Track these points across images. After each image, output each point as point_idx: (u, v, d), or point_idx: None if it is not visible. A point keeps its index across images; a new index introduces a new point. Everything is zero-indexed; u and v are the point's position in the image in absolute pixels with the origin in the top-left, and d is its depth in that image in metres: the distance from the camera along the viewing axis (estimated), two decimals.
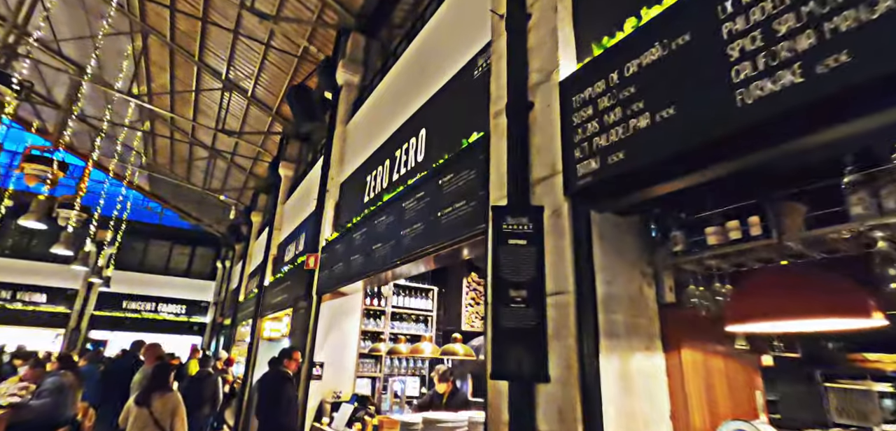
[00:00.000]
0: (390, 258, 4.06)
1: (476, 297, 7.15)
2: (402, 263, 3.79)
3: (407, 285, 7.09)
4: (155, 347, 4.95)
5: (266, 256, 10.74)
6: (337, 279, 5.51)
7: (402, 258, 3.77)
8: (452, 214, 3.15)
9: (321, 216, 6.72)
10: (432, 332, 7.09)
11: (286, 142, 11.74)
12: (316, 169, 8.34)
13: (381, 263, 4.27)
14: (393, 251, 4.04)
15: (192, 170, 17.48)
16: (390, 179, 4.91)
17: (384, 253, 4.25)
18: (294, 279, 7.68)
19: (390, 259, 4.06)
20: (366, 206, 5.38)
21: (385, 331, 6.66)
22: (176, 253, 23.70)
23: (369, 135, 6.02)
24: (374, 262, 4.45)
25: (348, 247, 5.31)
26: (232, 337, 14.28)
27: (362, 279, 4.80)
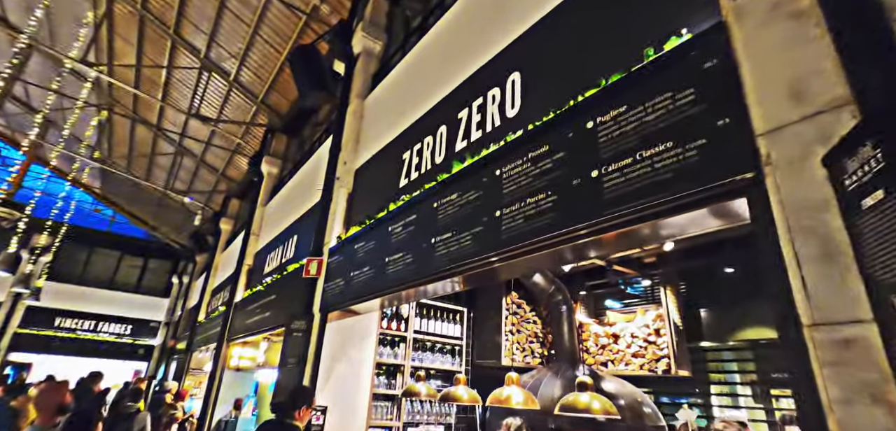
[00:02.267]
0: (474, 255, 2.63)
1: (517, 322, 5.72)
2: (512, 256, 2.37)
3: (432, 304, 5.58)
4: (56, 389, 2.94)
5: (239, 267, 8.92)
6: (353, 292, 3.99)
7: (514, 250, 2.36)
8: (651, 165, 1.79)
9: (327, 211, 5.20)
10: (461, 366, 5.57)
11: (271, 136, 10.12)
12: (318, 156, 6.81)
13: (446, 266, 2.83)
14: (479, 244, 2.62)
15: (152, 169, 15.35)
16: (450, 151, 3.52)
17: (450, 252, 2.82)
18: (283, 292, 6.01)
19: (473, 257, 2.63)
20: (402, 191, 3.94)
21: (405, 364, 5.09)
22: (125, 264, 20.95)
23: (402, 106, 4.64)
24: (430, 264, 3.00)
25: (375, 248, 3.83)
26: (186, 365, 12.04)
27: (404, 289, 3.31)
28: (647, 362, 5.33)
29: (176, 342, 15.73)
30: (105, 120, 13.34)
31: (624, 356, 5.65)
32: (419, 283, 3.08)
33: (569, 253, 2.20)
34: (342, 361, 4.59)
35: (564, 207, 2.15)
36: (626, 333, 5.71)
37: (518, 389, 3.51)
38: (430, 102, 4.12)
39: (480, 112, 3.30)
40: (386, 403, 4.90)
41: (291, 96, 9.74)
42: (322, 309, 4.56)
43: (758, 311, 4.80)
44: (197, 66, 9.79)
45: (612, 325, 5.93)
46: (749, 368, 4.77)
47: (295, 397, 3.18)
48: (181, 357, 13.03)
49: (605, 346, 5.91)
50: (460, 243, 2.79)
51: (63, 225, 15.86)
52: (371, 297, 3.67)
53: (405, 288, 3.25)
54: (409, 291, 3.35)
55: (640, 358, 5.46)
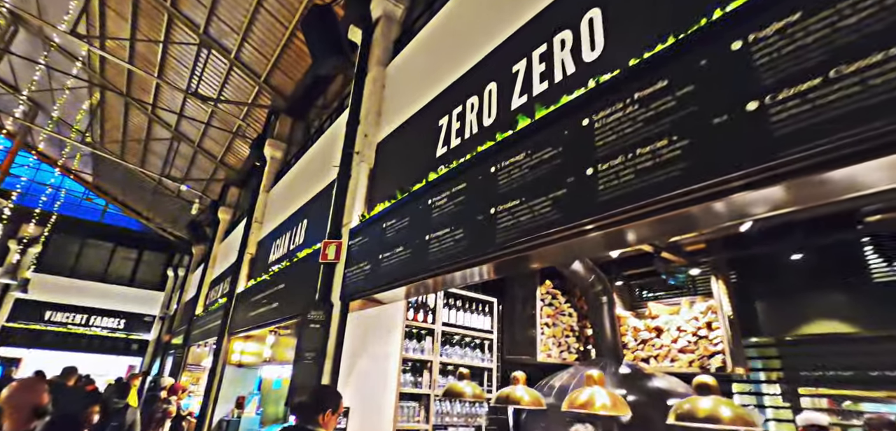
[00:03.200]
0: (557, 224, 2.10)
1: (553, 315, 5.21)
2: (614, 223, 1.85)
3: (459, 293, 5.05)
4: (29, 388, 2.27)
5: (240, 256, 8.35)
6: (383, 277, 3.46)
7: (619, 215, 1.83)
8: (863, 80, 1.28)
9: (345, 189, 4.65)
10: (492, 361, 5.05)
11: (275, 118, 9.53)
12: (331, 133, 6.26)
13: (514, 240, 2.31)
14: (564, 211, 2.09)
15: (147, 157, 14.69)
16: (504, 110, 2.99)
17: (520, 223, 2.30)
18: (293, 281, 5.46)
19: (556, 227, 2.10)
20: (441, 161, 3.41)
21: (433, 360, 4.56)
22: (119, 256, 20.28)
23: (433, 70, 4.10)
24: (490, 239, 2.47)
25: (412, 225, 3.30)
26: (183, 360, 11.46)
27: (452, 271, 2.78)
28: (697, 358, 4.84)
29: (172, 336, 15.13)
30: (97, 104, 12.68)
31: (669, 352, 5.15)
32: (475, 262, 2.55)
33: (711, 211, 1.67)
34: (364, 356, 4.06)
35: (703, 152, 1.62)
36: (672, 327, 5.21)
37: (603, 391, 2.81)
38: (471, 61, 3.58)
39: (545, 60, 2.76)
40: (413, 403, 4.38)
41: (297, 76, 9.16)
42: (343, 297, 4.02)
43: (827, 303, 4.32)
44: (195, 41, 9.18)
45: (653, 318, 5.43)
46: (819, 365, 4.29)
47: (319, 398, 2.65)
48: (178, 352, 12.45)
49: (646, 341, 5.41)
50: (534, 211, 2.26)
51: (52, 214, 15.20)
52: (407, 281, 3.13)
53: (454, 269, 2.72)
54: (453, 274, 2.81)
55: (688, 354, 4.97)
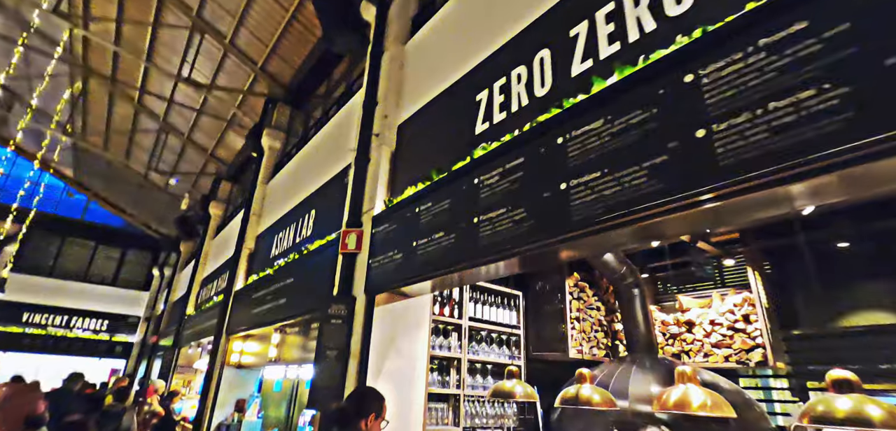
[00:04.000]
0: (660, 195, 1.81)
1: (581, 308, 4.93)
2: (742, 190, 1.56)
3: (485, 286, 4.73)
4: (23, 394, 1.99)
5: (238, 251, 7.90)
6: (420, 265, 3.13)
7: (748, 182, 1.55)
8: None
9: (364, 174, 4.30)
10: (520, 359, 4.74)
11: (273, 107, 9.07)
12: (343, 117, 5.87)
13: (598, 216, 2.02)
14: (669, 180, 1.80)
15: (132, 150, 14.02)
16: (561, 78, 2.68)
17: (605, 198, 2.01)
18: (302, 275, 5.08)
19: (660, 199, 1.81)
20: (481, 139, 3.08)
21: (462, 357, 4.24)
22: (101, 256, 19.43)
23: (464, 43, 3.77)
24: (564, 217, 2.17)
25: (454, 207, 2.98)
26: (173, 362, 10.92)
27: (513, 255, 2.47)
28: (735, 352, 4.62)
29: (159, 338, 14.50)
30: (79, 92, 12.00)
31: (702, 346, 4.93)
32: (545, 244, 2.23)
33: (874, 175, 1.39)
34: (392, 354, 3.72)
35: (874, 101, 1.34)
36: (704, 320, 4.99)
37: (699, 389, 2.36)
38: (511, 31, 3.27)
39: (613, 19, 2.46)
40: (441, 405, 4.05)
41: (296, 62, 8.73)
42: (369, 290, 3.67)
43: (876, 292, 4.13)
44: (187, 25, 8.67)
45: (684, 312, 5.21)
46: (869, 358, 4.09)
47: (361, 402, 2.32)
48: (167, 354, 11.87)
49: (677, 336, 5.19)
50: (622, 182, 1.96)
51: (31, 211, 14.41)
52: (453, 270, 2.80)
53: (515, 253, 2.40)
54: (512, 260, 2.50)
55: (723, 349, 4.75)
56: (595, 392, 2.55)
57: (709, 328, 4.91)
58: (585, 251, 2.19)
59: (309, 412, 5.70)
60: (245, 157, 11.80)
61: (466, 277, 2.97)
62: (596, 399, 2.51)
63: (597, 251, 2.20)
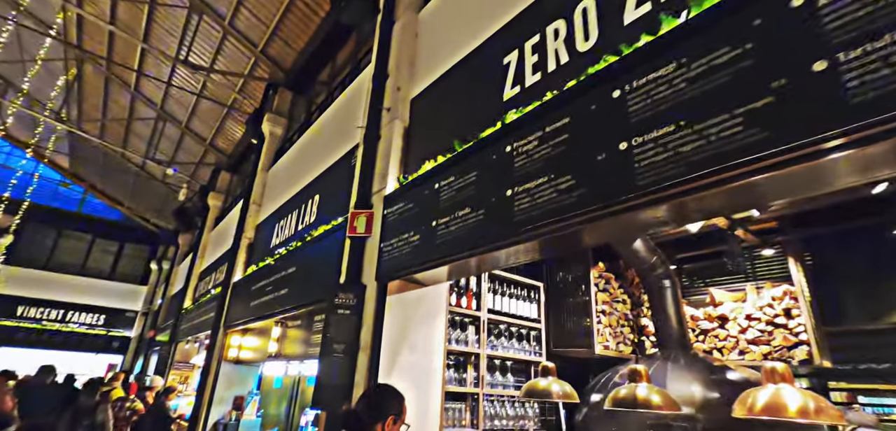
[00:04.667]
0: (759, 149, 1.44)
1: (608, 301, 4.56)
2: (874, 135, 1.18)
3: (504, 276, 4.36)
4: None
5: (237, 241, 7.54)
6: (436, 249, 2.77)
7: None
8: None
9: (374, 152, 3.93)
10: (542, 354, 4.38)
11: (274, 92, 8.69)
12: (348, 96, 5.51)
13: (673, 177, 1.65)
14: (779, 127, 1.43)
15: (129, 139, 13.65)
16: (609, 30, 2.31)
17: (681, 156, 1.64)
18: (306, 263, 4.72)
19: (761, 153, 1.44)
20: (511, 104, 2.71)
21: (481, 352, 3.87)
22: (98, 249, 19.04)
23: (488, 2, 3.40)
24: (625, 181, 1.81)
25: (482, 180, 2.61)
26: (170, 358, 10.57)
27: (546, 233, 2.10)
28: (775, 350, 4.25)
29: (156, 332, 14.16)
30: (73, 78, 11.63)
31: (736, 343, 4.56)
32: (603, 213, 1.87)
33: None
34: (405, 348, 3.35)
35: None
36: (739, 315, 4.62)
37: (795, 391, 1.96)
38: None
39: None
40: (458, 404, 3.69)
41: (299, 45, 8.35)
42: (380, 276, 3.30)
43: None
44: (185, 5, 8.29)
45: (716, 306, 4.84)
46: None
47: (378, 402, 1.96)
48: (164, 349, 11.53)
49: (708, 331, 4.82)
50: (707, 136, 1.59)
51: (24, 202, 14.06)
52: (483, 250, 2.43)
53: (564, 227, 2.03)
54: (560, 234, 2.12)
55: (761, 346, 4.38)
56: (653, 392, 2.18)
57: (744, 323, 4.54)
58: (657, 217, 1.81)
59: (312, 411, 5.35)
60: (245, 147, 11.43)
61: (494, 261, 2.59)
62: (655, 400, 2.14)
63: (673, 219, 1.82)
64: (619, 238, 4.60)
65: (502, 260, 2.57)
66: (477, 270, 2.96)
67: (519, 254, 2.46)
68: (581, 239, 2.24)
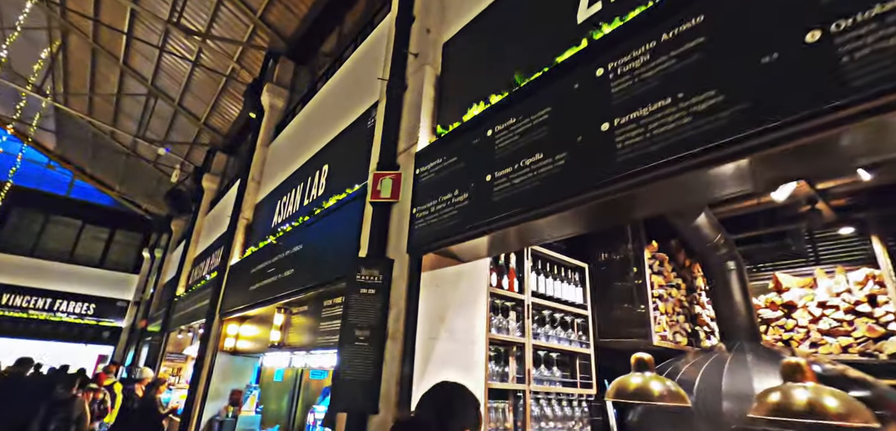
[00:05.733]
0: None
1: (664, 285, 3.99)
2: None
3: (548, 253, 3.76)
4: None
5: (234, 222, 6.90)
6: (494, 207, 2.17)
7: None
8: None
9: (400, 105, 3.31)
10: (589, 346, 3.78)
11: (275, 62, 8.02)
12: (364, 52, 4.87)
13: None
14: None
15: (119, 119, 12.90)
16: None
17: None
18: (314, 240, 4.10)
19: None
20: (582, 30, 2.10)
21: (525, 343, 3.28)
22: (87, 236, 18.28)
23: None
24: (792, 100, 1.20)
25: (554, 119, 2.01)
26: (161, 349, 9.93)
27: (671, 172, 1.50)
28: (857, 342, 3.69)
29: (148, 322, 13.50)
30: (57, 50, 10.86)
31: (807, 334, 4.00)
32: (763, 143, 1.27)
33: None
34: (443, 335, 2.75)
35: None
36: (810, 302, 4.06)
37: None
38: None
39: None
40: (501, 403, 3.10)
41: (301, 10, 7.67)
42: (413, 248, 2.70)
43: None
44: None
45: (781, 292, 4.27)
46: None
47: (451, 409, 1.36)
48: (155, 339, 10.89)
49: (771, 321, 4.26)
50: None
51: (6, 183, 13.30)
52: (569, 202, 1.82)
53: (703, 162, 1.43)
54: (697, 175, 1.53)
55: (839, 337, 3.82)
56: (838, 399, 1.53)
57: (817, 312, 3.98)
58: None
59: (321, 408, 4.76)
60: (242, 125, 10.76)
61: (576, 219, 1.98)
62: (832, 406, 1.54)
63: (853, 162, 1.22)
64: (641, 221, 4.03)
65: (585, 219, 1.97)
66: (572, 227, 2.29)
67: (611, 211, 1.86)
68: (704, 187, 1.65)
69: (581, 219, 1.99)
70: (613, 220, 1.99)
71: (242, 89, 8.88)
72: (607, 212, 1.90)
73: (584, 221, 2.01)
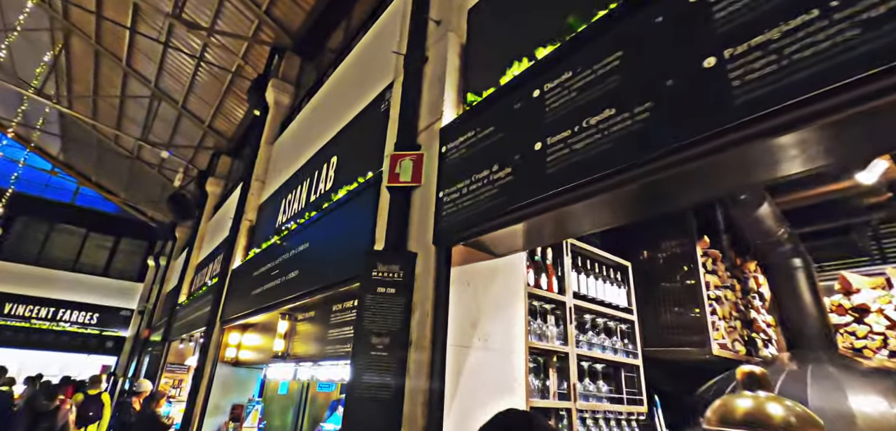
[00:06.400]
0: None
1: (720, 284, 3.50)
2: None
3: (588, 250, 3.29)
4: None
5: (236, 224, 6.52)
6: (536, 185, 1.73)
7: None
8: None
9: (420, 78, 2.89)
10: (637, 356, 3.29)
11: (279, 58, 7.68)
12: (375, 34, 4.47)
13: None
14: None
15: (123, 123, 12.65)
16: None
17: None
18: (327, 235, 3.68)
19: None
20: None
21: (569, 352, 2.80)
22: (92, 244, 18.06)
23: None
24: None
25: (625, 65, 1.56)
26: (162, 359, 9.53)
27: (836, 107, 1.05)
28: None
29: (151, 332, 13.13)
30: (59, 52, 10.65)
31: (885, 341, 3.49)
32: None
33: None
34: (474, 344, 2.30)
35: None
36: (887, 305, 3.55)
37: None
38: None
39: None
40: None
41: (307, 4, 7.34)
42: (441, 238, 2.26)
43: None
44: None
45: (851, 294, 3.77)
46: None
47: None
48: (156, 349, 10.49)
49: (839, 326, 3.75)
50: None
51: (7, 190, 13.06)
52: (677, 156, 1.39)
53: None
54: None
55: None
56: None
57: (895, 316, 3.47)
58: None
59: (328, 426, 4.30)
60: (246, 127, 10.44)
61: (681, 182, 1.53)
62: None
63: None
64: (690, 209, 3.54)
65: (675, 191, 1.52)
66: (612, 216, 1.84)
67: (713, 176, 1.41)
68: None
69: (669, 190, 1.54)
70: (710, 191, 1.54)
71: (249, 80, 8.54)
72: (706, 179, 1.45)
73: (673, 193, 1.55)
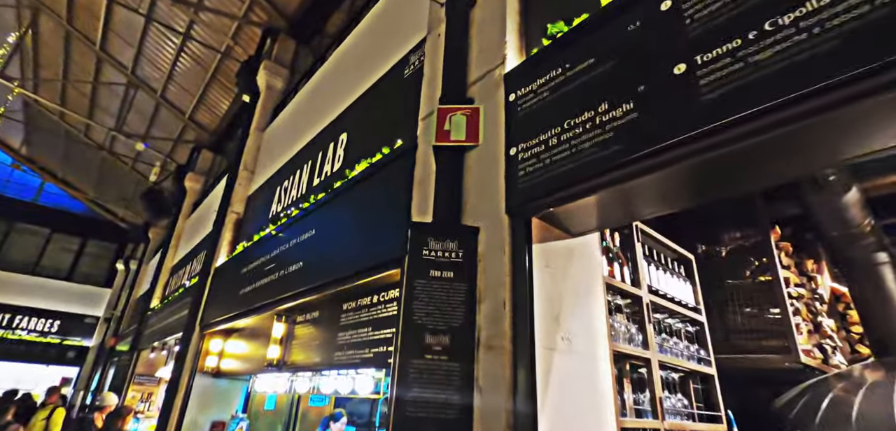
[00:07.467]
0: None
1: (797, 282, 3.06)
2: None
3: (652, 234, 2.77)
4: None
5: (221, 218, 5.82)
6: (699, 116, 1.22)
7: None
8: None
9: (467, 24, 2.38)
10: (712, 364, 2.77)
11: (273, 40, 7.07)
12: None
13: None
14: None
15: (95, 112, 11.71)
16: None
17: None
18: (339, 219, 3.09)
19: None
20: None
21: (652, 357, 2.28)
22: (56, 245, 16.79)
23: None
24: None
25: None
26: (130, 370, 8.59)
27: None
28: None
29: (118, 340, 12.04)
30: (26, 31, 9.74)
31: None
32: None
33: None
34: (559, 344, 1.76)
35: None
36: None
37: None
38: None
39: None
40: None
41: None
42: (517, 206, 1.72)
43: None
44: None
45: None
46: None
47: None
48: (124, 359, 9.52)
49: None
50: None
51: None
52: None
53: None
54: None
55: None
56: None
57: None
58: None
59: None
60: (231, 120, 9.72)
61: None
62: None
63: None
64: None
65: None
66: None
67: None
68: None
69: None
70: None
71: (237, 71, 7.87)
72: None
73: None
